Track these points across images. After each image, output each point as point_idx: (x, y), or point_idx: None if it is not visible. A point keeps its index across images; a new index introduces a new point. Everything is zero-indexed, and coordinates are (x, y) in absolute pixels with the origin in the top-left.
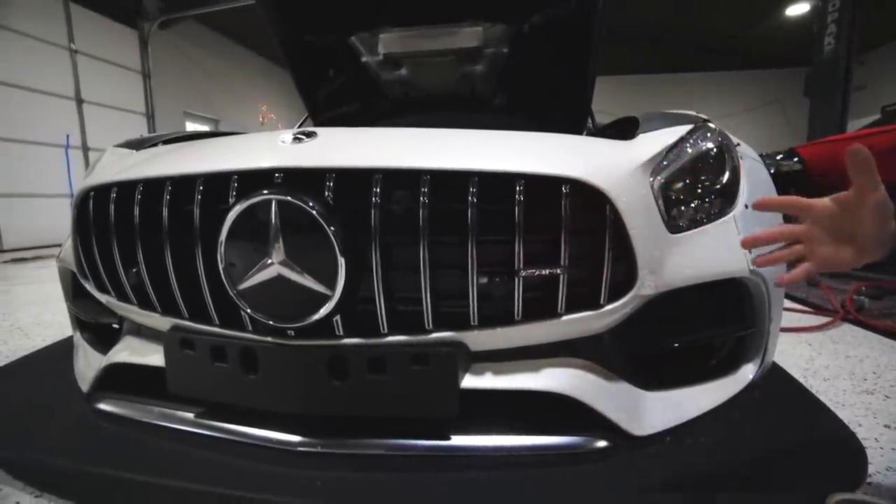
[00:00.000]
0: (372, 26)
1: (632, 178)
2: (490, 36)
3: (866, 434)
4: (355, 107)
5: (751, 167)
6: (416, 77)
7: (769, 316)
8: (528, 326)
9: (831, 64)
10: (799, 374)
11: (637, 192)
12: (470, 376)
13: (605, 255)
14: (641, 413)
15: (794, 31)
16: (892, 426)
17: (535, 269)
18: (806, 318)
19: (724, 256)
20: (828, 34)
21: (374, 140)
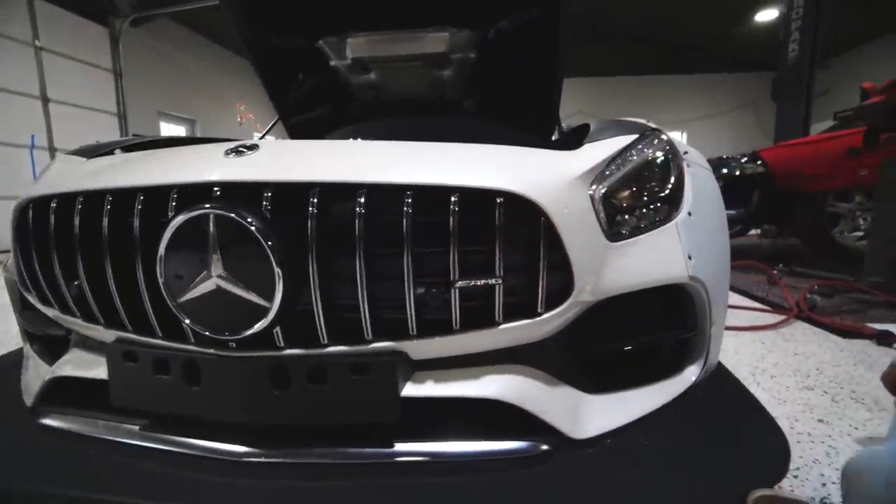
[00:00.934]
0: (339, 31)
1: (569, 189)
2: (457, 41)
3: (802, 429)
4: (326, 110)
5: (698, 175)
6: (386, 81)
7: (710, 319)
8: (467, 335)
9: (795, 70)
10: (748, 371)
11: (574, 203)
12: (411, 384)
13: (540, 265)
14: (584, 416)
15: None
16: (824, 420)
17: (472, 279)
18: (764, 316)
19: (664, 263)
20: (792, 41)
21: (314, 154)
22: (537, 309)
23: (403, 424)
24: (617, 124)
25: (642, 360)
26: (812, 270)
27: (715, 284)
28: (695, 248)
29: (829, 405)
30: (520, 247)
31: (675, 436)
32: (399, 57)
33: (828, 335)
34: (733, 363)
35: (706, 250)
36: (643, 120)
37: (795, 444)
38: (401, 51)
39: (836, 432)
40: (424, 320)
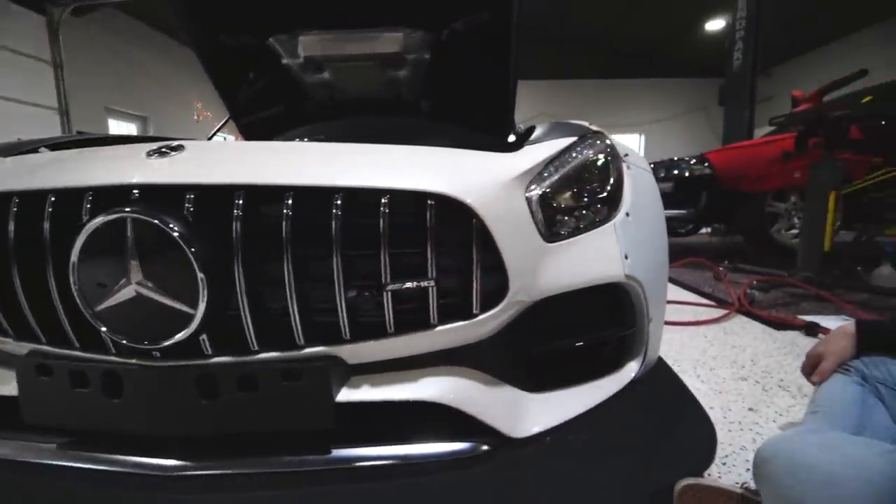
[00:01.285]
0: (290, 28)
1: (504, 191)
2: (411, 42)
3: (733, 418)
4: (279, 110)
5: (637, 176)
6: (341, 81)
7: (648, 316)
8: (402, 338)
9: (739, 77)
10: (691, 364)
11: (509, 205)
12: (347, 389)
13: (473, 267)
14: (525, 415)
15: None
16: (754, 408)
17: (404, 282)
18: (709, 311)
19: (601, 263)
20: (736, 50)
21: (241, 155)
22: (472, 310)
23: (343, 429)
24: (560, 126)
25: (583, 357)
26: (753, 267)
27: (652, 282)
28: (631, 248)
29: (759, 394)
30: (454, 249)
31: (612, 431)
32: (353, 56)
33: (764, 328)
34: (678, 357)
35: (643, 250)
36: (586, 123)
37: (727, 433)
38: (354, 50)
39: (763, 419)
40: (359, 324)
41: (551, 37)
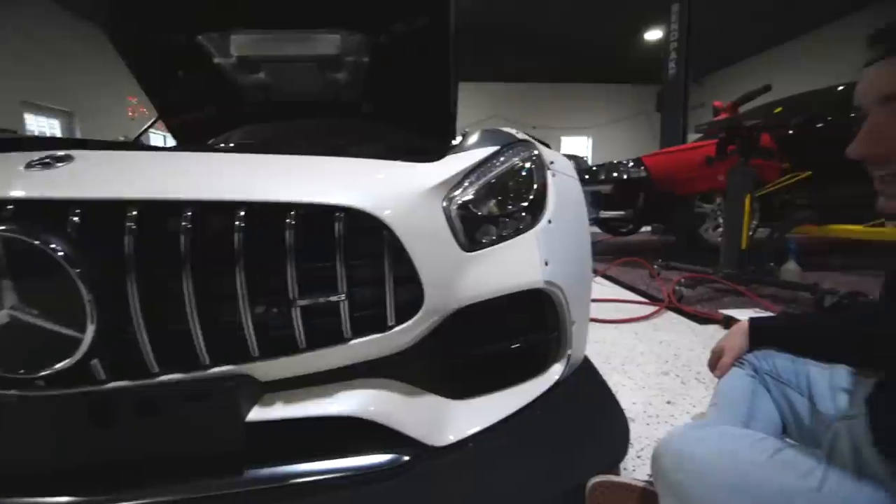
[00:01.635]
0: (219, 26)
1: (419, 202)
2: (349, 44)
3: (653, 411)
4: (212, 110)
5: (562, 184)
6: (278, 82)
7: (570, 320)
8: (315, 353)
9: (674, 85)
10: (620, 361)
11: (424, 216)
12: (259, 408)
13: (386, 280)
14: (448, 423)
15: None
16: (672, 402)
17: (314, 297)
18: (643, 308)
19: (521, 270)
20: (670, 60)
21: (137, 167)
22: (388, 323)
23: (258, 449)
24: (487, 134)
25: (508, 362)
26: (684, 264)
27: (572, 287)
28: (551, 255)
29: (678, 387)
30: (366, 262)
31: (533, 433)
32: (290, 57)
33: (689, 323)
34: (610, 354)
35: (564, 256)
36: (513, 130)
37: (645, 427)
38: (291, 51)
39: (679, 411)
40: (269, 340)
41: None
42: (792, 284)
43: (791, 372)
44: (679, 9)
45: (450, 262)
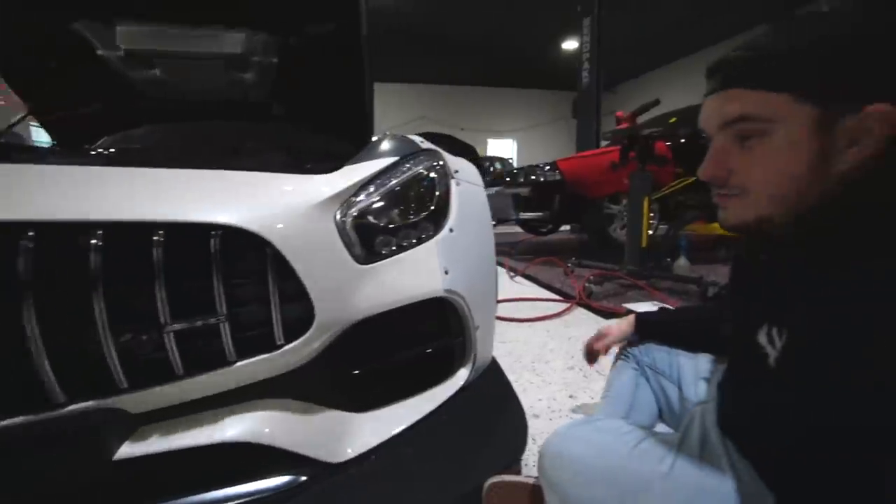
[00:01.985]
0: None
1: (307, 216)
2: (254, 44)
3: (557, 406)
4: (97, 107)
5: (466, 192)
6: (176, 80)
7: (474, 325)
8: (195, 380)
9: (588, 93)
10: (531, 360)
11: (313, 230)
12: (131, 444)
13: (271, 298)
14: (349, 437)
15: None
16: (574, 396)
17: (189, 320)
18: (556, 305)
19: (421, 280)
20: (584, 69)
21: None
22: (276, 342)
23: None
24: (392, 143)
25: (413, 369)
26: (595, 262)
27: (475, 293)
28: (452, 263)
29: (581, 381)
30: (250, 280)
31: (436, 439)
32: (188, 54)
33: (596, 318)
34: (521, 353)
35: (465, 263)
36: (419, 139)
37: (548, 422)
38: (188, 47)
39: (579, 404)
40: (141, 369)
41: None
42: (683, 278)
43: (666, 363)
44: (590, 22)
45: (343, 276)
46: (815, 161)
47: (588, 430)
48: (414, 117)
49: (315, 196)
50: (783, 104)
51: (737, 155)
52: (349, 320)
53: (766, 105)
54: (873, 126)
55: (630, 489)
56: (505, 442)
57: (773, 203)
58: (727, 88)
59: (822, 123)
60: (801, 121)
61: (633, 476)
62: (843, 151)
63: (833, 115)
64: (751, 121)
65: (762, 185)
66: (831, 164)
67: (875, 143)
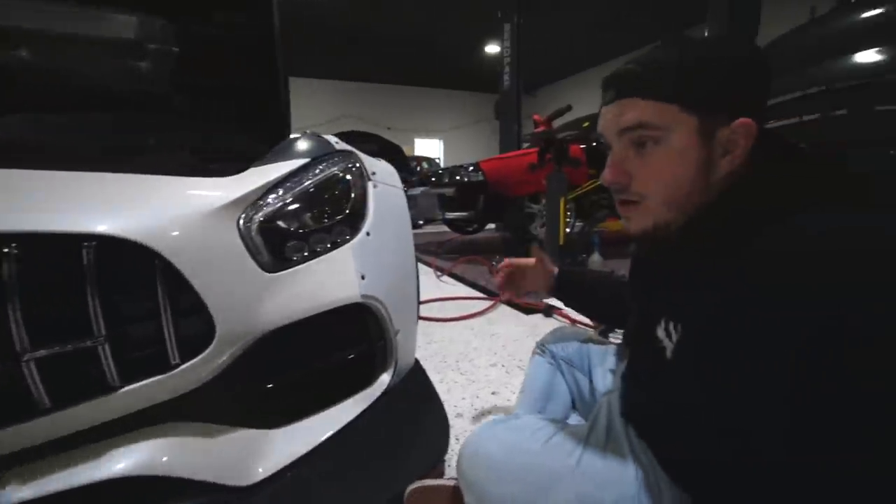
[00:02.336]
0: None
1: (206, 223)
2: (150, 30)
3: (480, 405)
4: None
5: (384, 194)
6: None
7: (393, 329)
8: (70, 413)
9: (509, 96)
10: (455, 359)
11: (212, 237)
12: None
13: (162, 314)
14: (259, 457)
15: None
16: (497, 392)
17: (57, 345)
18: (482, 303)
19: (336, 286)
20: (505, 73)
21: None
22: (171, 361)
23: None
24: (305, 144)
25: (330, 379)
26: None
27: (395, 297)
28: (369, 268)
29: (503, 377)
30: (137, 295)
31: (357, 448)
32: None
33: (518, 314)
34: (446, 353)
35: (383, 268)
36: (334, 139)
37: (471, 421)
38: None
39: (502, 400)
40: None
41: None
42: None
43: (578, 356)
44: (510, 28)
45: (249, 286)
46: (701, 167)
47: (503, 428)
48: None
49: (215, 200)
50: (673, 113)
51: (634, 160)
52: (257, 333)
53: (659, 114)
54: (740, 138)
55: (542, 485)
56: (427, 445)
57: (669, 208)
58: (623, 98)
59: (703, 133)
60: (689, 129)
61: (545, 471)
62: (719, 161)
63: (711, 126)
64: (647, 128)
65: (658, 191)
66: (712, 171)
67: (742, 153)
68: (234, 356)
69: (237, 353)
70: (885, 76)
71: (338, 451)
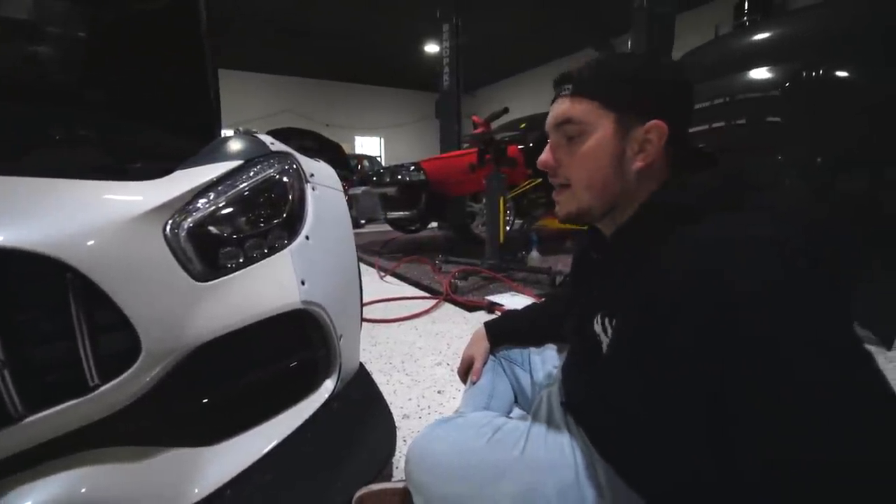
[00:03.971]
0: None
1: (126, 230)
2: (49, 11)
3: (425, 404)
4: None
5: (323, 197)
6: None
7: (337, 334)
8: None
9: (449, 95)
10: (400, 360)
11: (135, 247)
12: None
13: (77, 332)
14: (197, 476)
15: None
16: (442, 391)
17: None
18: (425, 303)
19: (275, 293)
20: (445, 73)
21: None
22: (90, 383)
23: None
24: (237, 144)
25: (271, 389)
26: (460, 259)
27: (338, 302)
28: (309, 273)
29: (448, 376)
30: (46, 313)
31: (300, 458)
32: None
33: (462, 312)
34: (391, 354)
35: (324, 272)
36: (269, 140)
37: (418, 421)
38: None
39: (447, 399)
40: None
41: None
42: (535, 269)
43: (517, 353)
44: (448, 28)
45: (178, 297)
46: (616, 160)
47: (448, 428)
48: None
49: (137, 206)
50: (595, 111)
51: (564, 149)
52: (189, 346)
53: (584, 111)
54: (653, 137)
55: (488, 479)
56: (374, 449)
57: (590, 194)
58: (560, 96)
59: (619, 129)
60: (607, 126)
61: (490, 466)
62: (634, 156)
63: (627, 124)
64: (573, 123)
65: (580, 177)
66: (626, 164)
67: (654, 151)
68: (163, 373)
69: (168, 369)
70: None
71: (281, 463)
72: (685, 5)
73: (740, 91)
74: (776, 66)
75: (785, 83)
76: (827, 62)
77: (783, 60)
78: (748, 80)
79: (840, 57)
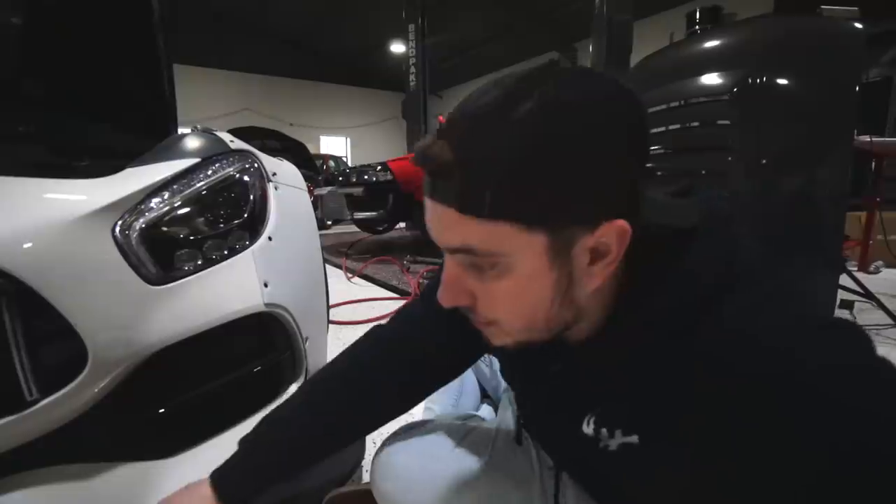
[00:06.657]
0: None
1: (70, 232)
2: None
3: None
4: None
5: (286, 196)
6: None
7: (302, 336)
8: None
9: (415, 96)
10: None
11: (80, 249)
12: None
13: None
14: (153, 491)
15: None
16: None
17: None
18: (396, 303)
19: (237, 296)
20: (411, 73)
21: None
22: (27, 397)
23: None
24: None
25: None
26: (428, 259)
27: (303, 304)
28: (273, 274)
29: None
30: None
31: None
32: None
33: None
34: None
35: (288, 273)
36: (228, 137)
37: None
38: None
39: None
40: None
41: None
42: None
43: None
44: (414, 28)
45: (130, 302)
46: (559, 289)
47: (413, 435)
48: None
49: (82, 206)
50: (509, 235)
51: (472, 281)
52: (142, 354)
53: (488, 237)
54: (611, 245)
55: (453, 489)
56: (343, 453)
57: (530, 331)
58: (437, 202)
59: (555, 251)
60: (534, 251)
61: (455, 476)
62: (584, 275)
63: (566, 240)
64: (476, 255)
65: (510, 319)
66: (577, 288)
67: (616, 258)
68: (113, 383)
69: (119, 379)
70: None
71: None
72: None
73: (694, 95)
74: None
75: (733, 89)
76: (766, 71)
77: (731, 67)
78: (701, 84)
79: (776, 66)
